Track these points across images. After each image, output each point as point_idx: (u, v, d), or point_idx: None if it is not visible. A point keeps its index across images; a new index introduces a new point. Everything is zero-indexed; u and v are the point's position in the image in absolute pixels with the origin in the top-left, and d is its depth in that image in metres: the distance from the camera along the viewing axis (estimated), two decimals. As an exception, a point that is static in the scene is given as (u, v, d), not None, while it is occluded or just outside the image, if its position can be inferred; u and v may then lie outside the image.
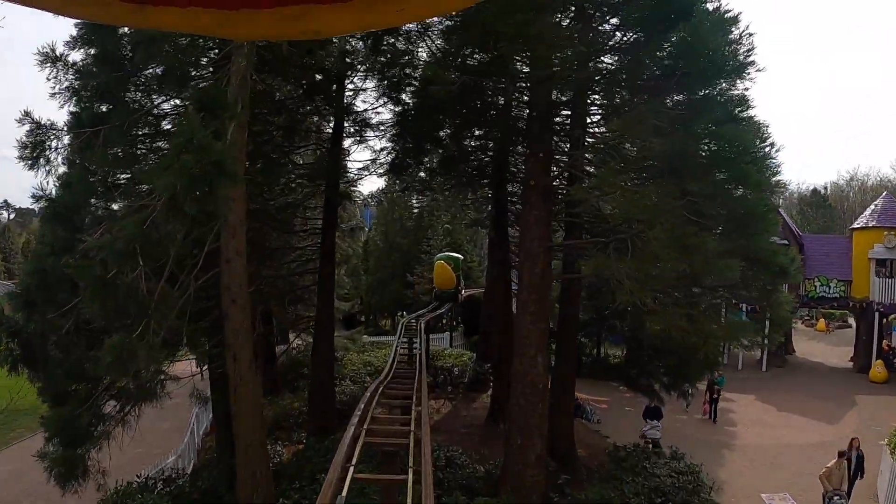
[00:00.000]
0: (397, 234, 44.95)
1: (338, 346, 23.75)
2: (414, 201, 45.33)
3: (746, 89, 9.70)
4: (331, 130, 17.28)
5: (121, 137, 9.10)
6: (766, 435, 20.79)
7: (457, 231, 43.81)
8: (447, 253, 37.30)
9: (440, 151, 18.13)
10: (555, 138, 14.15)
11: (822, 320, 44.96)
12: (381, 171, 18.53)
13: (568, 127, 13.95)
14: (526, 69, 12.20)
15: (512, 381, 12.19)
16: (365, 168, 18.77)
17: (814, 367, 32.91)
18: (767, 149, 9.41)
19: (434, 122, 16.81)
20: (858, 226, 32.56)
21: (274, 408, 20.74)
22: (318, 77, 14.83)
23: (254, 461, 9.69)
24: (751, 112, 9.53)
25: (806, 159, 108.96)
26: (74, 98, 10.13)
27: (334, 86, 15.06)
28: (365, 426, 9.17)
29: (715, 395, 21.89)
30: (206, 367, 13.41)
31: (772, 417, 23.13)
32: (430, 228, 44.44)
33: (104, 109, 10.67)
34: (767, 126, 9.13)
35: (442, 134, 17.93)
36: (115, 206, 11.01)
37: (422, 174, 20.16)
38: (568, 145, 14.29)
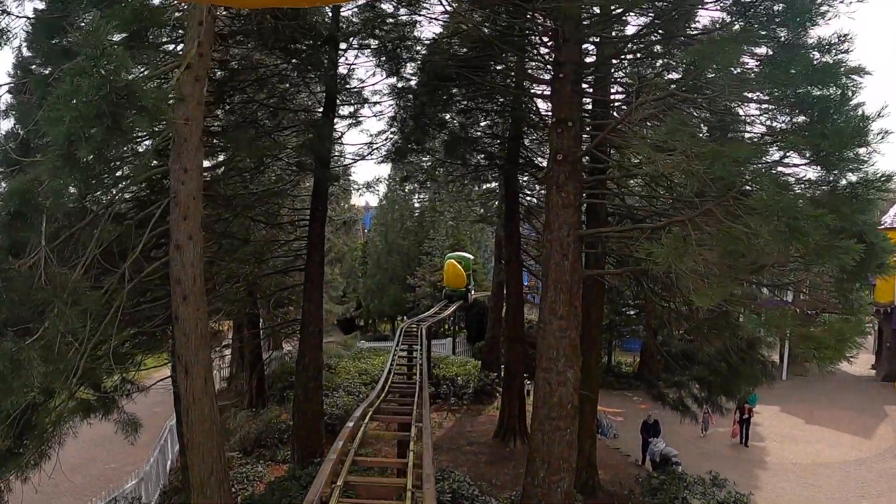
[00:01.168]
0: (398, 235, 43.38)
1: (330, 352, 21.91)
2: (415, 200, 43.87)
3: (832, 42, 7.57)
4: (321, 112, 15.17)
5: (45, 88, 7.10)
6: (798, 451, 19.56)
7: (460, 230, 42.24)
8: (458, 252, 36.48)
9: (445, 135, 16.28)
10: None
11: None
12: (380, 157, 16.57)
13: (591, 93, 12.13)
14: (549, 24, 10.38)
15: (535, 401, 10.13)
16: (360, 155, 16.80)
17: (836, 375, 31.21)
18: (860, 110, 7.34)
19: (439, 101, 15.03)
20: (882, 226, 30.70)
21: (258, 422, 18.83)
22: (308, 42, 12.72)
23: (211, 500, 7.69)
24: (845, 57, 7.34)
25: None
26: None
27: (326, 49, 12.95)
28: (339, 480, 6.46)
29: (746, 415, 19.66)
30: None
31: (801, 431, 21.80)
32: (432, 228, 42.71)
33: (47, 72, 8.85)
34: (871, 73, 6.99)
35: (447, 116, 16.18)
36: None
37: (424, 162, 18.39)
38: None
